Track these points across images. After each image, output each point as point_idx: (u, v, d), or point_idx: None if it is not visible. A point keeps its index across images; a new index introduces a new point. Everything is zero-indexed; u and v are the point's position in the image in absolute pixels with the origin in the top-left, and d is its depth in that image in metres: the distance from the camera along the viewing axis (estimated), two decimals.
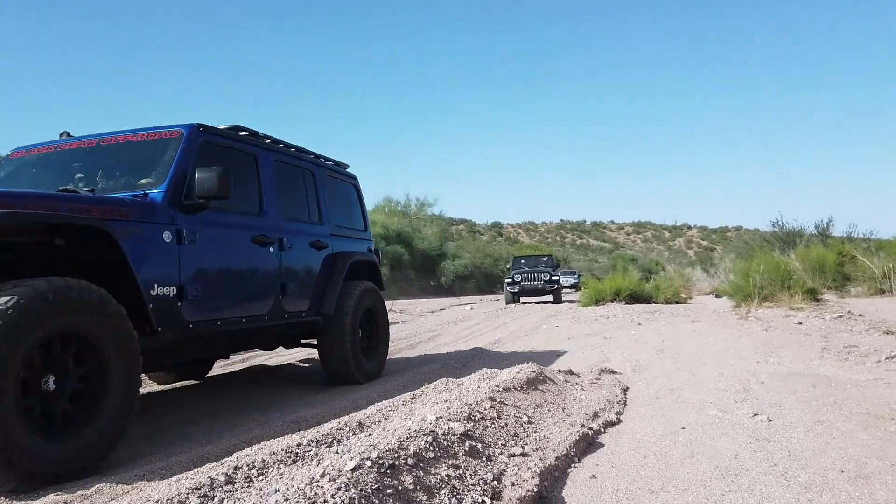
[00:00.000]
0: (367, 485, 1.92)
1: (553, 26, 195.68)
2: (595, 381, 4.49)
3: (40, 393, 2.54)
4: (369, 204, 34.41)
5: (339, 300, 4.91)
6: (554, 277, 19.46)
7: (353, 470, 1.98)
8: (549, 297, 19.92)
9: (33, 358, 2.50)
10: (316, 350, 5.17)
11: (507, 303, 18.68)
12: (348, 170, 5.91)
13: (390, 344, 8.18)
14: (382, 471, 2.04)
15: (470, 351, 7.17)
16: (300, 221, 4.76)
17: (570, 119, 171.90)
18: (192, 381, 5.53)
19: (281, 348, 5.70)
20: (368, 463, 2.04)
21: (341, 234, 5.33)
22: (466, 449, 2.49)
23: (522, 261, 22.25)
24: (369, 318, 5.45)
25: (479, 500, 2.12)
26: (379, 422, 3.18)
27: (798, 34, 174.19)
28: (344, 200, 5.67)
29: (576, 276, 34.07)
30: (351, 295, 5.03)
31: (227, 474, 2.16)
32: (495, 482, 2.29)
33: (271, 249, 4.27)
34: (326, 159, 5.50)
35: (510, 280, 19.47)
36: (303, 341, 5.26)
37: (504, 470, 2.44)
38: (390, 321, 12.05)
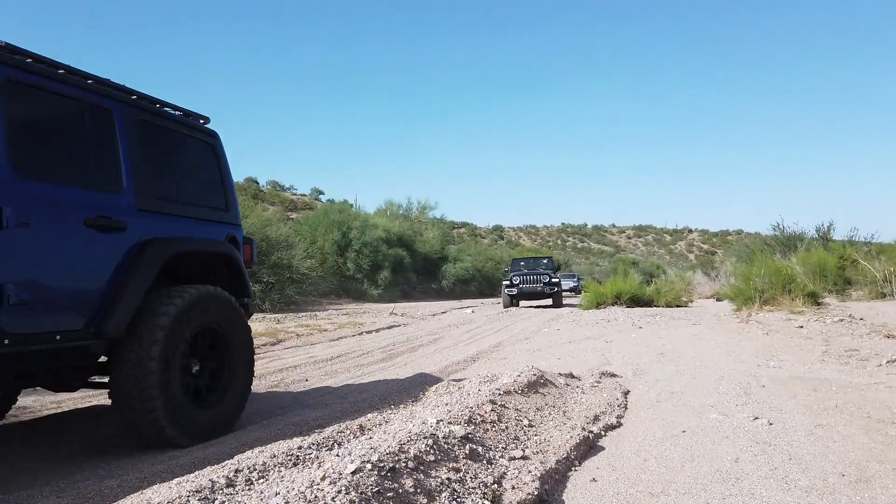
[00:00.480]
0: (367, 488, 1.93)
1: (554, 28, 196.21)
2: (596, 384, 4.49)
3: None
4: (371, 207, 34.28)
5: (142, 314, 3.29)
6: (554, 280, 18.58)
7: (353, 473, 1.98)
8: (549, 301, 19.30)
9: None
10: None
11: (504, 307, 18.06)
12: (207, 125, 4.28)
13: (393, 347, 8.23)
14: (383, 474, 2.04)
15: (471, 354, 7.17)
16: (63, 184, 3.09)
17: (571, 122, 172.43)
18: None
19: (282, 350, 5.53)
20: (369, 466, 2.05)
21: (166, 210, 3.65)
22: (467, 452, 2.49)
23: (521, 262, 21.29)
24: (214, 341, 3.74)
25: None
26: (380, 424, 3.18)
27: (800, 36, 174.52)
28: (186, 163, 4.02)
29: (576, 279, 33.90)
30: (165, 306, 3.35)
31: (227, 477, 2.17)
32: (496, 485, 2.29)
33: None
34: (158, 102, 3.89)
35: (508, 282, 18.60)
36: (91, 380, 3.76)
37: (504, 473, 2.44)
38: (391, 324, 11.98)
